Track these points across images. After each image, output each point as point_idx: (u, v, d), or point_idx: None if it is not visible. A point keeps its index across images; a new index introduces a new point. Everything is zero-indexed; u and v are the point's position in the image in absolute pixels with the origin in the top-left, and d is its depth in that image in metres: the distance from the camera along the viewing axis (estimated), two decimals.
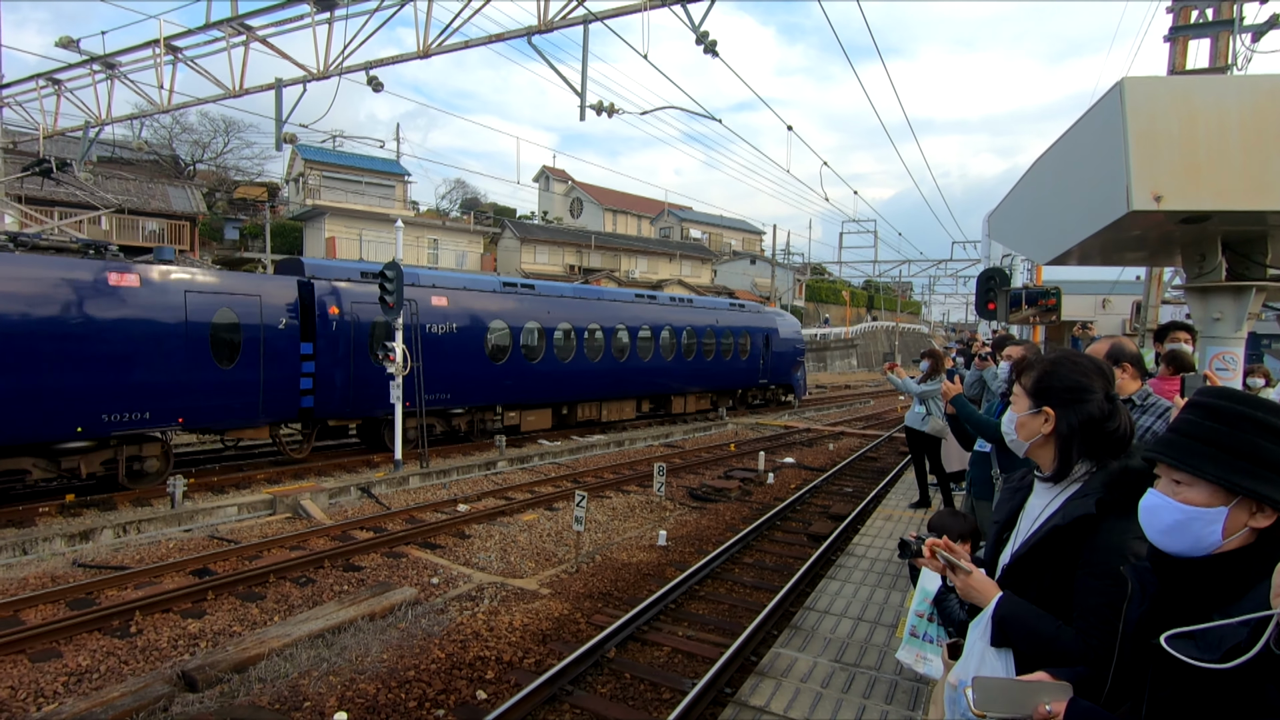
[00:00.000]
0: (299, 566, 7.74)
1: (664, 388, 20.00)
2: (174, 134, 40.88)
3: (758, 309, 23.96)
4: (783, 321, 24.57)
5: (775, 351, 23.64)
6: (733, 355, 22.00)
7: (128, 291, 9.83)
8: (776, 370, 24.05)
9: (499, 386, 15.35)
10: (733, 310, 22.87)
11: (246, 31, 10.64)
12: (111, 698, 4.83)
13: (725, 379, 22.04)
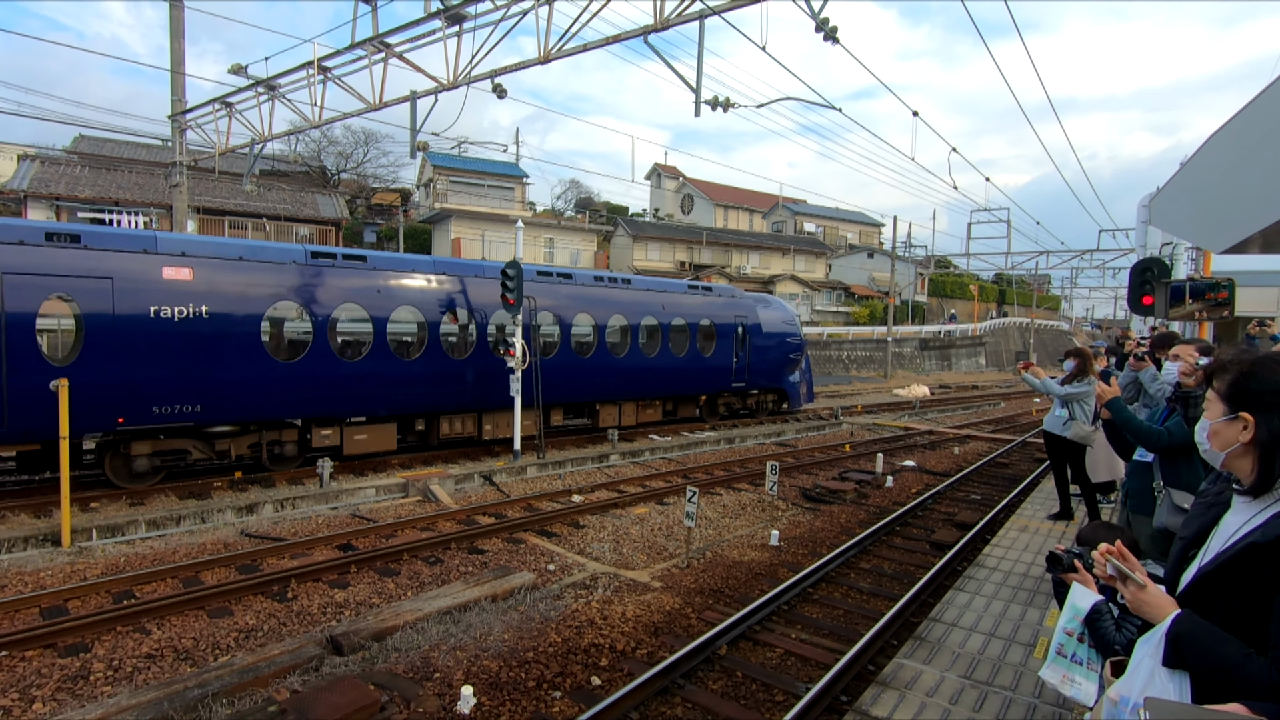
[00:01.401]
0: (429, 547, 8.28)
1: (582, 393, 15.11)
2: (322, 147, 44.84)
3: (732, 293, 18.67)
4: (768, 310, 19.32)
5: (757, 347, 18.56)
6: (688, 352, 16.92)
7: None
8: (760, 371, 18.77)
9: (299, 392, 10.90)
10: (691, 294, 17.52)
11: (386, 49, 11.46)
12: (273, 654, 5.40)
13: (679, 382, 17.04)
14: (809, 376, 20.93)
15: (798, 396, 20.33)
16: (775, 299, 20.76)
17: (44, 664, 5.38)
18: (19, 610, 6.32)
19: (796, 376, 20.12)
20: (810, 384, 21.11)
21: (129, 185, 30.82)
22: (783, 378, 19.69)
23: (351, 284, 11.45)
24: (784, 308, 20.29)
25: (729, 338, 17.88)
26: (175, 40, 15.35)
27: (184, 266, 9.77)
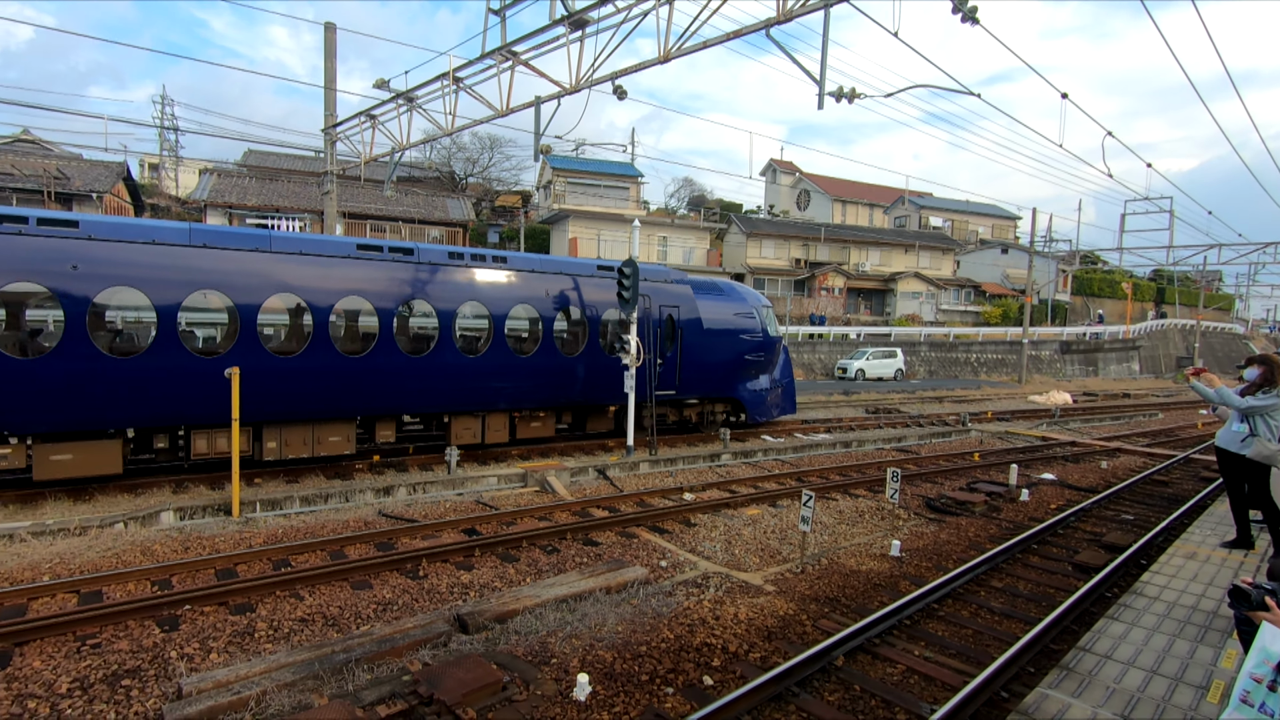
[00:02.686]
0: (546, 536, 8.59)
1: (418, 401, 11.75)
2: (452, 153, 47.65)
3: (664, 274, 14.77)
4: (713, 299, 15.22)
5: (693, 345, 14.60)
6: (585, 350, 13.33)
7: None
8: (698, 375, 14.81)
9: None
10: (595, 278, 13.69)
11: (513, 57, 11.99)
12: (406, 628, 5.80)
13: (570, 389, 13.33)
14: (786, 383, 16.96)
15: (762, 407, 15.96)
16: (735, 285, 16.50)
17: (219, 619, 6.08)
18: (199, 570, 7.18)
19: (762, 383, 16.01)
20: (789, 392, 17.09)
21: (288, 193, 34.14)
22: (735, 384, 15.54)
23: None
24: (741, 296, 15.87)
25: (653, 332, 13.98)
26: (328, 60, 16.83)
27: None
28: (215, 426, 9.82)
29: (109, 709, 4.68)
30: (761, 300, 16.37)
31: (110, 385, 9.11)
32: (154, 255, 9.31)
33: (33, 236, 8.60)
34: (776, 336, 16.14)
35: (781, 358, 16.77)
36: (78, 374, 8.88)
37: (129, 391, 9.23)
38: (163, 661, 5.31)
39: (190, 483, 10.17)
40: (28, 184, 28.63)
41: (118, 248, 9.12)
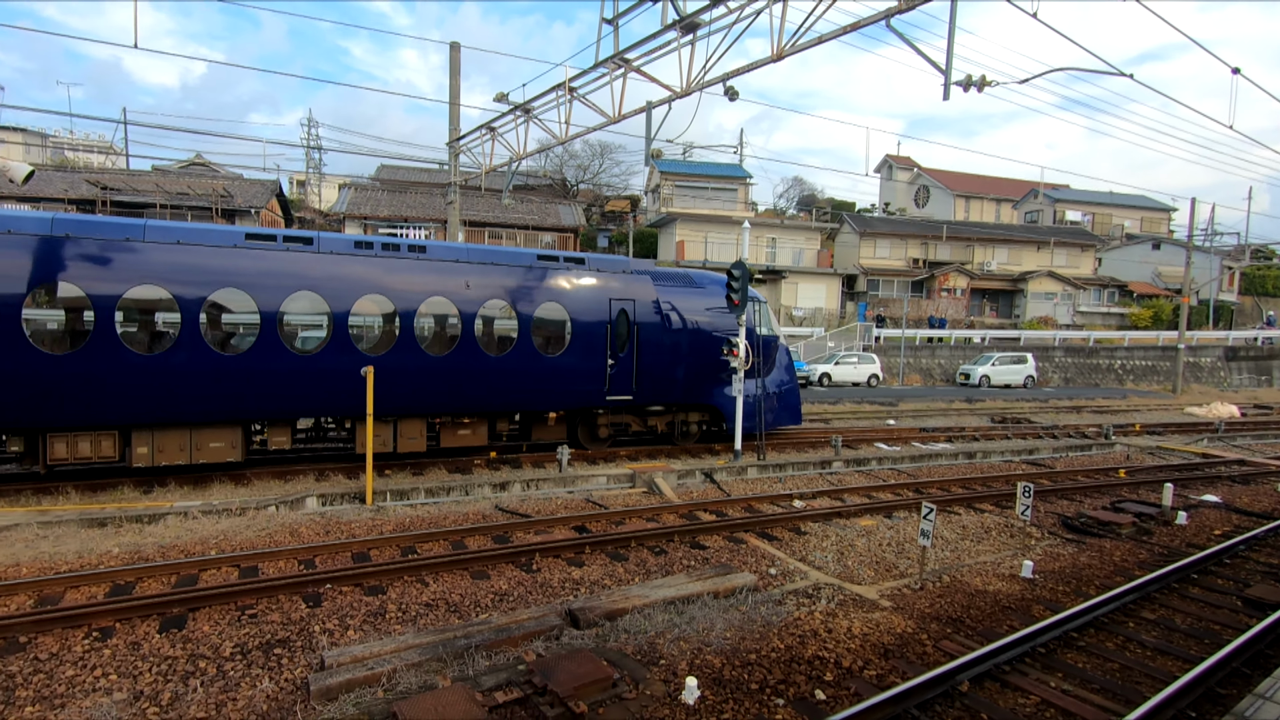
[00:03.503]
0: (654, 537, 8.65)
1: (312, 405, 10.80)
2: (564, 161, 49.16)
3: (622, 267, 13.00)
4: (680, 291, 13.42)
5: (653, 344, 12.93)
6: (515, 349, 11.83)
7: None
8: (660, 379, 13.11)
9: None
10: (535, 269, 12.10)
11: (625, 64, 12.20)
12: (521, 619, 6.03)
13: (498, 393, 11.87)
14: (786, 389, 14.87)
15: (745, 416, 13.41)
16: (713, 277, 14.35)
17: (355, 599, 6.58)
18: (337, 553, 7.81)
19: (751, 388, 13.72)
20: (789, 401, 14.93)
21: (415, 204, 36.52)
22: (711, 390, 13.67)
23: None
24: (719, 290, 13.76)
25: (596, 331, 12.40)
26: (453, 78, 17.84)
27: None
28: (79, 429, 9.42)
29: (264, 674, 5.18)
30: (722, 281, 13.94)
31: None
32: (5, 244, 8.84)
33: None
34: (769, 336, 14.31)
35: (780, 361, 14.89)
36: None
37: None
38: (308, 634, 5.82)
39: (331, 471, 11.09)
40: (201, 202, 32.35)
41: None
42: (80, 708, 4.66)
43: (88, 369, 9.22)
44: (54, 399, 9.10)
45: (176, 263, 9.65)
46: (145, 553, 7.61)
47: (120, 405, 9.48)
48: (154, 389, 9.62)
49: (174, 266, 9.64)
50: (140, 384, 9.53)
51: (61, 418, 9.25)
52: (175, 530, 8.38)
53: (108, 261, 9.31)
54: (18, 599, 6.39)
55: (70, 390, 9.16)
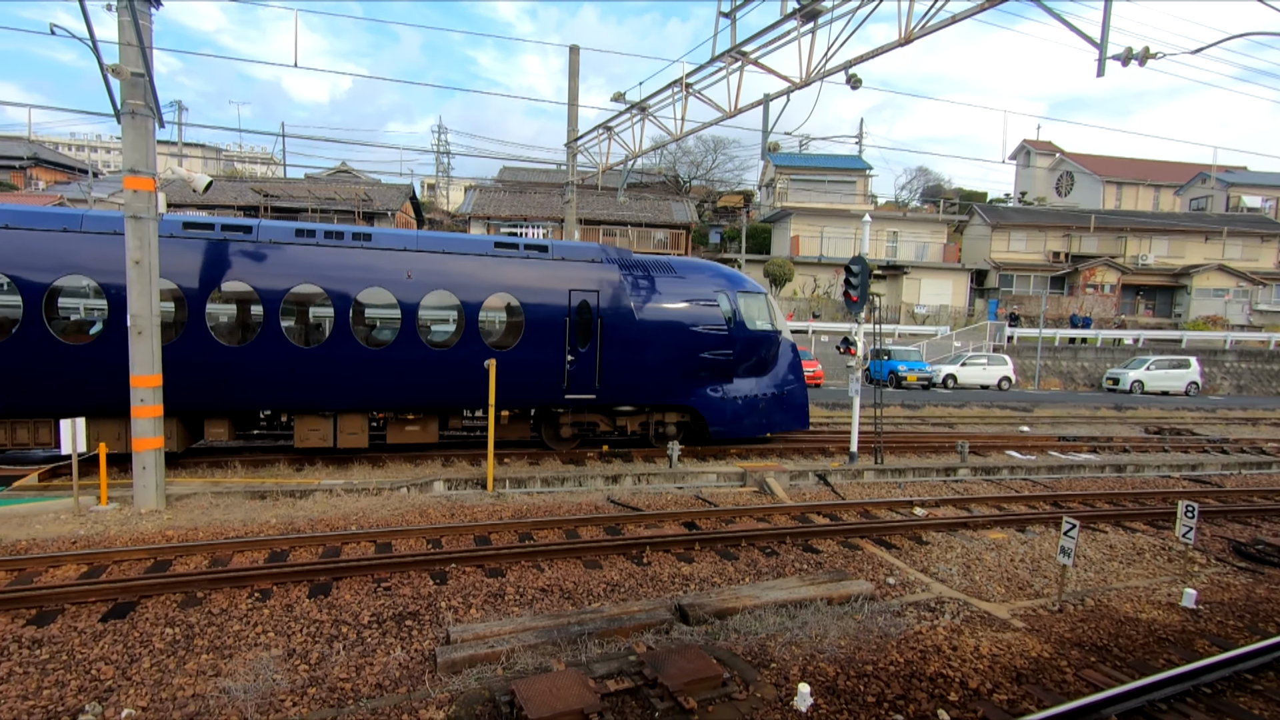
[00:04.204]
0: (765, 538, 8.51)
1: (241, 397, 10.38)
2: (677, 157, 49.31)
3: (586, 253, 12.13)
4: (656, 279, 12.31)
5: (620, 338, 11.91)
6: (461, 341, 11.15)
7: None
8: (632, 376, 12.07)
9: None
10: (490, 256, 11.33)
11: (742, 57, 12.03)
12: (633, 610, 6.12)
13: (449, 387, 11.17)
14: (789, 390, 13.45)
15: (733, 419, 12.78)
16: (697, 265, 13.23)
17: (477, 579, 6.94)
18: (461, 535, 8.28)
19: (736, 389, 12.80)
20: (792, 403, 13.54)
21: (534, 204, 37.93)
22: (689, 389, 12.53)
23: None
24: (700, 280, 12.66)
25: (552, 324, 11.55)
26: (572, 80, 18.34)
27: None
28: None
29: (396, 642, 5.58)
30: (741, 285, 13.07)
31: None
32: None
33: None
34: (764, 332, 12.94)
35: (783, 359, 13.56)
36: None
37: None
38: (435, 610, 6.20)
39: (456, 458, 11.76)
40: (345, 206, 35.29)
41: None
42: (244, 659, 5.23)
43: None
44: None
45: (106, 254, 9.47)
46: (297, 524, 8.41)
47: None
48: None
49: (102, 257, 9.51)
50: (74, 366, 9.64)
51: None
52: (322, 505, 9.20)
53: (38, 252, 9.39)
54: (195, 559, 7.26)
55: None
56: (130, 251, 8.47)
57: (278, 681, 4.93)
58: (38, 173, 45.03)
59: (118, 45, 8.31)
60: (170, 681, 4.89)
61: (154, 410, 8.70)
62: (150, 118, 8.56)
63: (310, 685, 4.90)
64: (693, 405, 12.67)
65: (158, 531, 8.00)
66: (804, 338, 32.58)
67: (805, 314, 36.67)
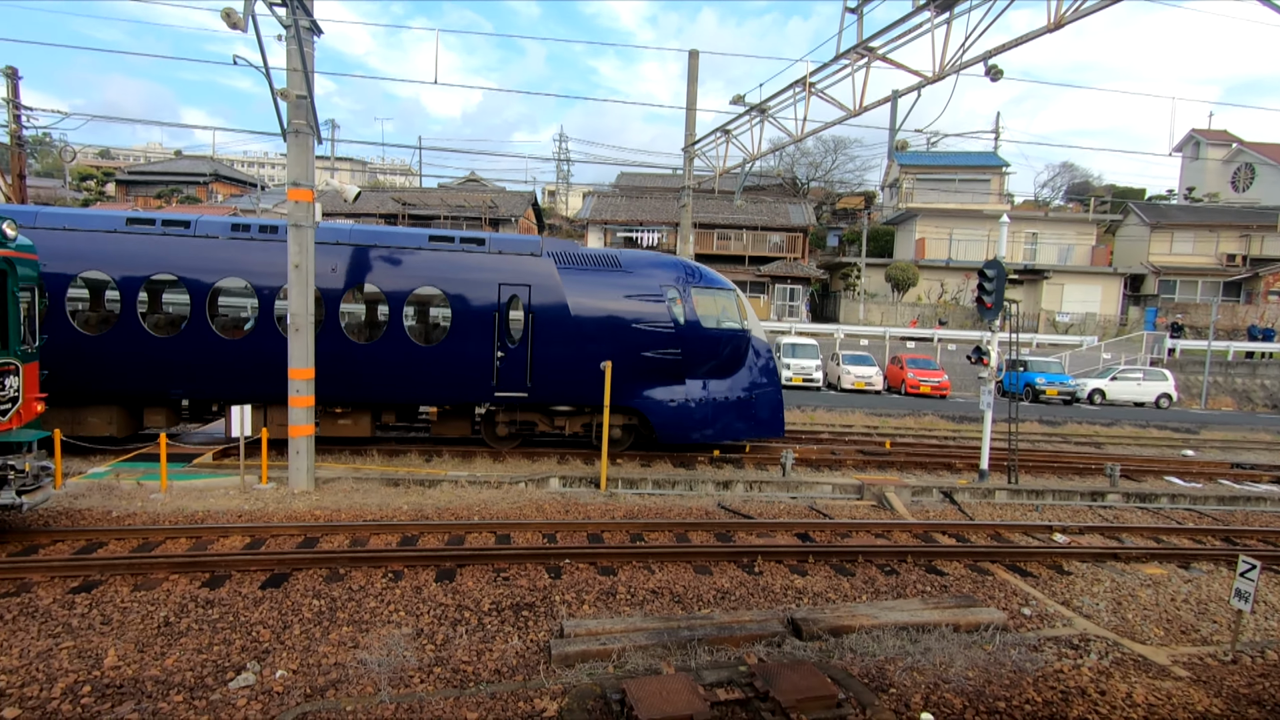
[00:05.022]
0: (884, 555, 8.11)
1: (177, 383, 10.71)
2: (795, 159, 48.24)
3: (523, 246, 11.65)
4: (595, 277, 11.63)
5: (554, 334, 11.34)
6: (387, 334, 11.14)
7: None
8: (568, 374, 11.42)
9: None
10: (412, 251, 11.17)
11: (869, 53, 11.58)
12: (743, 619, 6.02)
13: (373, 383, 11.12)
14: (761, 394, 12.37)
15: (682, 423, 11.85)
16: (642, 258, 12.37)
17: (589, 576, 7.10)
18: (575, 531, 8.50)
19: (686, 392, 11.86)
20: (756, 410, 12.34)
21: (650, 209, 38.40)
22: (635, 389, 11.68)
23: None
24: (645, 274, 11.83)
25: (480, 318, 11.14)
26: (691, 85, 18.41)
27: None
28: None
29: (514, 631, 5.81)
30: (698, 281, 12.11)
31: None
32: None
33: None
34: (725, 331, 12.02)
35: (753, 362, 12.51)
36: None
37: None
38: (549, 603, 6.40)
39: (570, 456, 12.11)
40: (473, 213, 37.33)
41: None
42: (379, 634, 5.64)
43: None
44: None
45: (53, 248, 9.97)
46: (425, 512, 8.97)
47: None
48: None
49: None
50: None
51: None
52: (448, 495, 9.77)
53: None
54: (338, 538, 7.92)
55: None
56: (291, 256, 9.39)
57: (407, 658, 5.27)
58: (217, 187, 51.08)
59: (285, 71, 9.25)
60: (316, 649, 5.36)
61: (307, 400, 9.59)
62: (310, 135, 9.46)
63: (435, 665, 5.20)
64: (637, 407, 11.87)
65: (307, 510, 8.80)
66: (928, 346, 30.85)
67: (930, 320, 34.71)
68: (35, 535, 7.45)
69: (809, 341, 27.03)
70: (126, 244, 10.49)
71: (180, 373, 10.72)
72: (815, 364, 25.59)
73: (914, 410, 21.09)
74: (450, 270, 11.26)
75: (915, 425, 18.73)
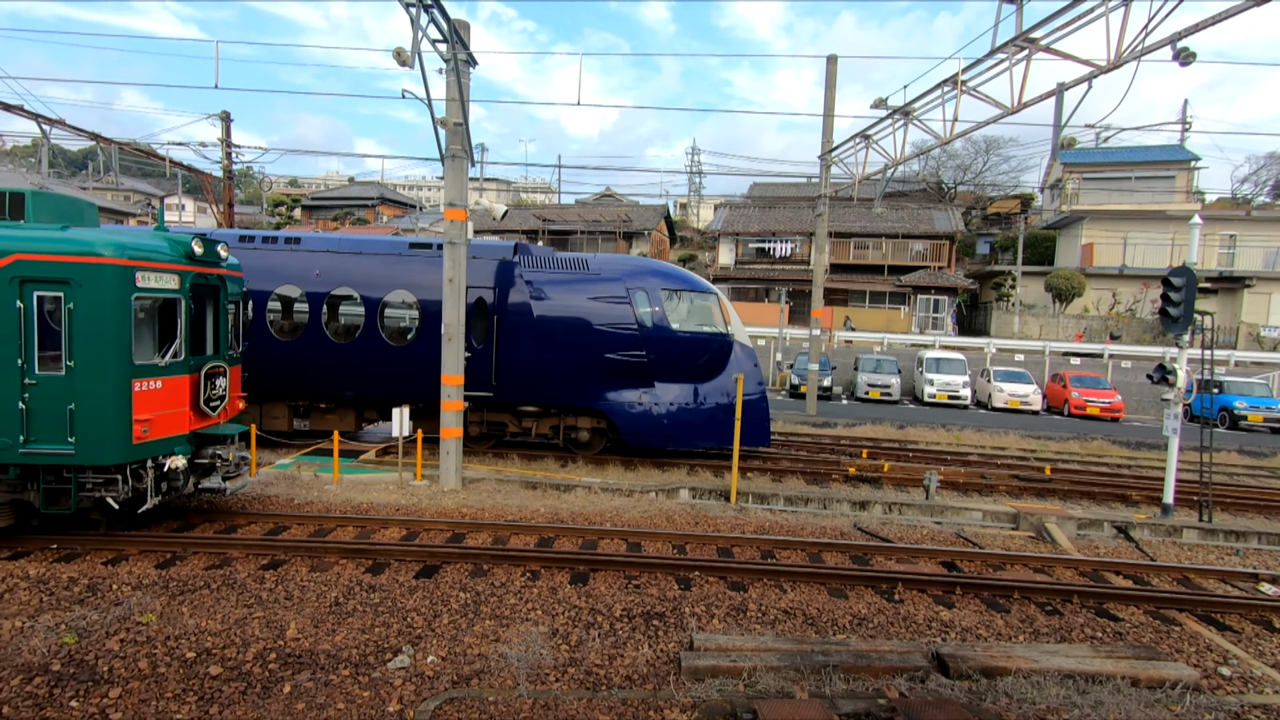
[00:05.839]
0: (1044, 592, 7.37)
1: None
2: (940, 162, 45.46)
3: (495, 251, 12.08)
4: (562, 278, 11.87)
5: (519, 335, 11.66)
6: (363, 334, 11.77)
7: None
8: (534, 374, 11.78)
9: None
10: (389, 257, 11.99)
11: (1030, 45, 10.68)
12: (883, 649, 5.69)
13: (351, 380, 11.90)
14: (744, 401, 11.15)
15: (646, 427, 11.78)
16: (612, 261, 12.41)
17: (719, 590, 7.03)
18: (704, 544, 8.46)
19: (653, 396, 11.79)
20: (748, 414, 11.54)
21: (783, 219, 37.75)
22: (601, 391, 11.80)
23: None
24: (612, 277, 11.83)
25: (433, 312, 11.35)
26: (828, 91, 17.93)
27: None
28: None
29: (644, 639, 5.87)
30: (671, 282, 12.01)
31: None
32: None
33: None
34: (698, 335, 11.84)
35: (734, 369, 12.06)
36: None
37: None
38: (679, 614, 6.41)
39: (699, 468, 12.10)
40: (608, 227, 38.54)
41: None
42: (518, 630, 5.91)
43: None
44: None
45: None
46: (561, 515, 9.32)
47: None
48: None
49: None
50: None
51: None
52: (581, 500, 10.09)
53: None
54: (481, 536, 8.41)
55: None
56: (446, 270, 10.16)
57: (543, 656, 5.48)
58: (383, 209, 56.43)
59: (444, 101, 10.06)
60: (462, 639, 5.71)
61: (458, 404, 10.30)
62: (465, 159, 10.21)
63: (569, 665, 5.36)
64: (601, 409, 11.96)
65: (455, 508, 9.44)
66: (1096, 363, 27.78)
67: (1099, 334, 31.25)
68: (234, 516, 8.55)
69: (955, 356, 25.27)
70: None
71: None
72: (962, 380, 23.88)
73: (1079, 434, 19.05)
74: (423, 275, 11.85)
75: (1081, 450, 16.90)
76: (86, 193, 38.71)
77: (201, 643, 5.40)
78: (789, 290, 32.38)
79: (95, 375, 6.83)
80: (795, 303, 34.30)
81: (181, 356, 7.47)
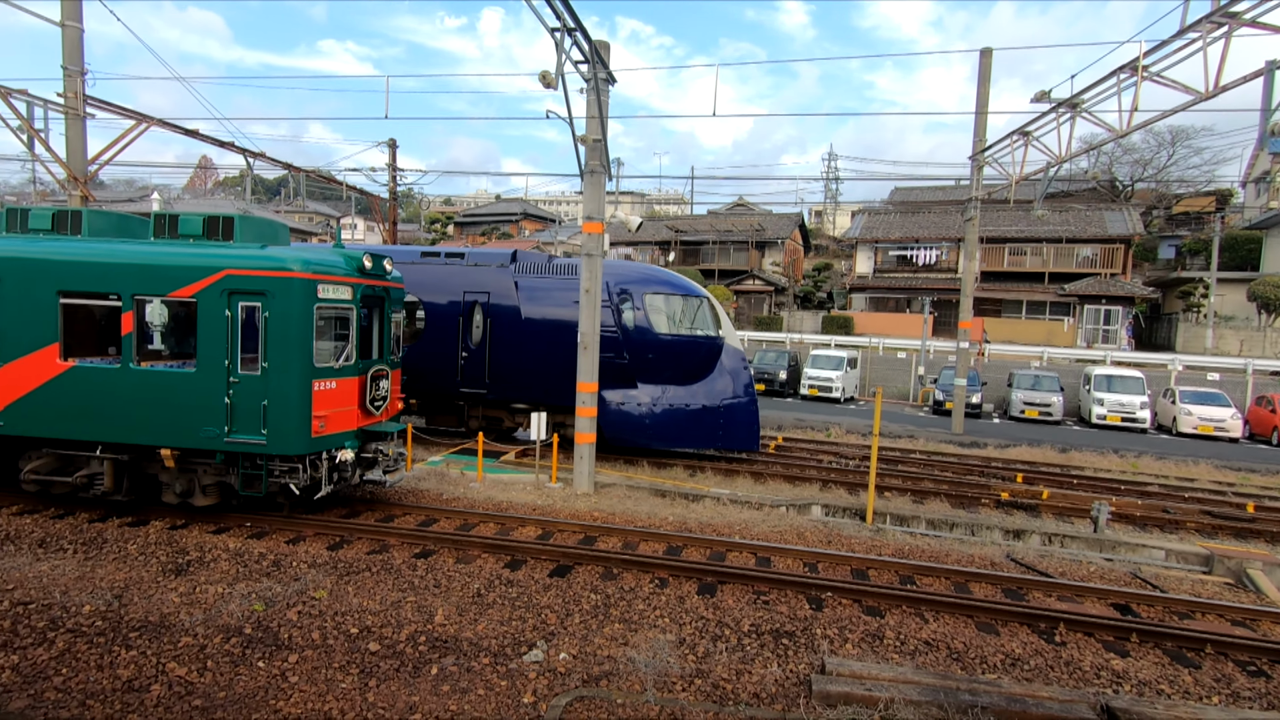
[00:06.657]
0: (1246, 649, 6.36)
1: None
2: (1114, 157, 40.92)
3: (492, 258, 12.95)
4: (549, 283, 12.55)
5: (509, 338, 12.45)
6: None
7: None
8: (522, 374, 12.50)
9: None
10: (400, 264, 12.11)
11: (1229, 20, 9.39)
12: (1040, 695, 5.16)
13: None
14: (731, 404, 12.28)
15: (630, 427, 12.30)
16: (608, 264, 12.44)
17: (853, 614, 6.72)
18: (837, 564, 8.12)
19: (636, 397, 12.31)
20: (737, 417, 12.27)
21: (927, 224, 35.66)
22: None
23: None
24: (608, 280, 12.07)
25: (446, 321, 12.73)
26: (981, 86, 16.74)
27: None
28: None
29: (773, 658, 5.73)
30: (656, 286, 12.45)
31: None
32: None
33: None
34: (683, 338, 12.33)
35: (723, 372, 12.52)
36: None
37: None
38: (810, 635, 6.19)
39: (832, 484, 11.65)
40: (740, 237, 38.27)
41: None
42: (645, 636, 5.98)
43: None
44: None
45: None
46: (689, 525, 9.33)
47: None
48: None
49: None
50: None
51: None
52: (710, 511, 10.04)
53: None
54: (611, 540, 8.60)
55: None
56: (583, 281, 10.55)
57: (670, 664, 5.50)
58: (525, 224, 59.66)
59: (584, 119, 10.48)
60: (592, 639, 5.87)
61: (591, 410, 10.64)
62: (603, 174, 10.57)
63: (696, 676, 5.34)
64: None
65: (587, 511, 9.73)
66: None
67: None
68: (391, 507, 9.35)
69: (1132, 374, 22.54)
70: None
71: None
72: (1140, 400, 21.24)
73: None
74: (425, 280, 12.70)
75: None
76: (279, 215, 44.33)
77: (363, 620, 5.95)
78: (933, 300, 30.43)
79: (284, 375, 7.76)
80: (940, 313, 32.17)
81: (352, 360, 8.31)
